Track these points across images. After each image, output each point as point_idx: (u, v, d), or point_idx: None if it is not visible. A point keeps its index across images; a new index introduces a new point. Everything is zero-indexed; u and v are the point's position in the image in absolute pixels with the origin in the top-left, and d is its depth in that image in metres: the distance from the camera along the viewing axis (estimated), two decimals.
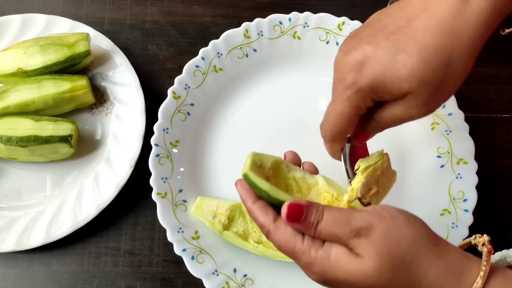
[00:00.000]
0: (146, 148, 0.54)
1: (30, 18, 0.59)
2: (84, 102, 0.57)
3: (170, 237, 0.50)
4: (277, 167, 0.43)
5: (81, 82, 0.55)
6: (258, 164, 0.41)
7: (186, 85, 0.55)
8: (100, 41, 0.59)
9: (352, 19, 0.57)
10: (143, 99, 0.56)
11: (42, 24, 0.59)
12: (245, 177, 0.38)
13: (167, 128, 0.54)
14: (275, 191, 0.37)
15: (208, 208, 0.51)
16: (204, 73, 0.56)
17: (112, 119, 0.57)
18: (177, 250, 0.49)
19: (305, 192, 0.43)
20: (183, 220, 0.51)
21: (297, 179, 0.43)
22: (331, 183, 0.43)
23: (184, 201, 0.52)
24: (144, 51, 0.62)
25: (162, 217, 0.50)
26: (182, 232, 0.51)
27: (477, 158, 0.53)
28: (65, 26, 0.59)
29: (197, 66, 0.56)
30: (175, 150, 0.54)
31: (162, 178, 0.52)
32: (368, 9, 0.64)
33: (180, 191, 0.53)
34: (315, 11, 0.57)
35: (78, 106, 0.57)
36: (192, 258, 0.49)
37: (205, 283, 0.48)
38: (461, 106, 0.55)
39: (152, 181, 0.51)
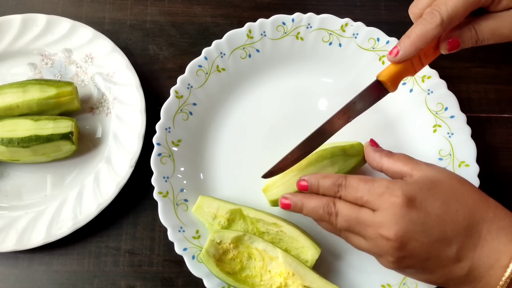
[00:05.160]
0: (146, 148, 0.54)
1: (30, 18, 0.59)
2: (70, 108, 0.56)
3: (171, 236, 0.50)
4: (239, 240, 0.49)
5: (67, 89, 0.55)
6: (217, 241, 0.48)
7: (189, 84, 0.55)
8: (101, 41, 0.59)
9: (352, 19, 0.57)
10: (144, 99, 0.56)
11: (42, 24, 0.59)
12: (202, 257, 0.48)
13: (169, 128, 0.54)
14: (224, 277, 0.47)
15: (208, 209, 0.51)
16: (206, 73, 0.56)
17: (113, 119, 0.57)
18: (177, 250, 0.50)
19: (267, 262, 0.48)
20: (184, 220, 0.51)
21: (259, 250, 0.48)
22: (289, 261, 0.48)
23: (186, 200, 0.52)
24: (144, 51, 0.62)
25: (163, 216, 0.50)
26: (183, 231, 0.51)
27: (477, 158, 0.53)
28: (65, 26, 0.59)
29: (200, 66, 0.56)
30: (177, 150, 0.54)
31: (164, 177, 0.52)
32: (368, 9, 0.64)
33: (182, 190, 0.53)
34: (315, 11, 0.57)
35: (63, 112, 0.56)
36: (193, 257, 0.50)
37: (205, 282, 0.48)
38: (461, 106, 0.55)
39: (153, 180, 0.51)
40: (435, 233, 0.39)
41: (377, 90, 0.46)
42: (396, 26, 0.64)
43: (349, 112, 0.47)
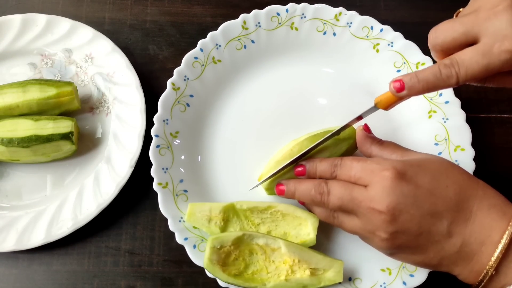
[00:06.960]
0: (146, 148, 0.54)
1: (30, 18, 0.59)
2: (70, 108, 0.57)
3: (171, 226, 0.50)
4: (239, 241, 0.49)
5: (67, 89, 0.55)
6: (218, 247, 0.48)
7: (185, 76, 0.55)
8: (101, 41, 0.59)
9: None
10: (144, 99, 0.56)
11: (42, 24, 0.59)
12: (207, 267, 0.47)
13: (167, 119, 0.54)
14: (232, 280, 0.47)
15: (201, 214, 0.50)
16: (202, 65, 0.56)
17: (113, 119, 0.57)
18: (179, 239, 0.50)
19: (269, 254, 0.48)
20: (184, 210, 0.51)
21: (260, 245, 0.48)
22: (293, 248, 0.48)
23: (185, 191, 0.53)
24: (144, 51, 0.62)
25: (163, 207, 0.51)
26: (184, 221, 0.51)
27: (476, 158, 0.53)
28: (65, 26, 0.59)
29: (196, 58, 0.56)
30: (175, 141, 0.54)
31: (163, 169, 0.52)
32: (367, 9, 0.64)
33: (181, 181, 0.53)
34: None
35: (63, 112, 0.57)
36: (194, 246, 0.50)
37: (208, 273, 0.48)
38: (461, 106, 0.55)
39: (153, 171, 0.51)
40: (425, 206, 0.40)
41: (372, 111, 0.47)
42: (395, 25, 0.63)
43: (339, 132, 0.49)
